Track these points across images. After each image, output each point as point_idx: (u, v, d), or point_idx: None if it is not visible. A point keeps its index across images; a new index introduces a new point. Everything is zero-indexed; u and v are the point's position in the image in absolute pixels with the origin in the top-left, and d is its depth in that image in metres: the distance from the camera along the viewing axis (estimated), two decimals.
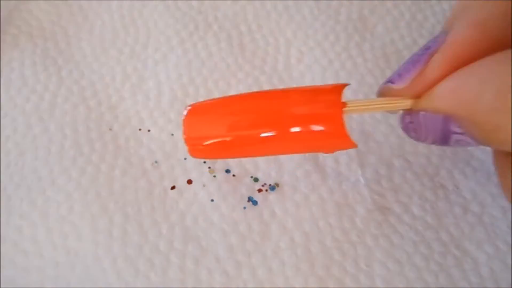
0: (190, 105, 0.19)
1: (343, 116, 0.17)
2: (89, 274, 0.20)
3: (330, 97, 0.17)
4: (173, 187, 0.23)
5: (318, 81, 0.26)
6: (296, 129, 0.17)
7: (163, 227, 0.22)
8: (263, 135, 0.17)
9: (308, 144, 0.18)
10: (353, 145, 0.17)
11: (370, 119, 0.25)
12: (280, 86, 0.26)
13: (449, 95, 0.16)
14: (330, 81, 0.26)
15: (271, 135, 0.17)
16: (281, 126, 0.17)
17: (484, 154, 0.24)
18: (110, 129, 0.25)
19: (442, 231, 0.21)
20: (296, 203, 0.22)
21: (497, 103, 0.14)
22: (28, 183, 0.23)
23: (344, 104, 0.17)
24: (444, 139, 0.17)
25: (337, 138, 0.17)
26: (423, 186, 0.23)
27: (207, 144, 0.18)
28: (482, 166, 0.23)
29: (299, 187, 0.23)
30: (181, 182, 0.23)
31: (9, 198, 0.22)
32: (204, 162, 0.23)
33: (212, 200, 0.22)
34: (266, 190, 0.23)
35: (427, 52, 0.17)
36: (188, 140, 0.18)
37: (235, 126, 0.17)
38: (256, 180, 0.23)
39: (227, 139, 0.18)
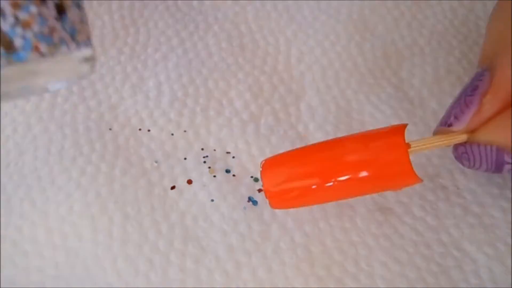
0: (264, 160, 0.20)
1: (409, 156, 0.18)
2: (89, 274, 0.20)
3: (394, 140, 0.19)
4: (173, 187, 0.23)
5: (318, 81, 0.26)
6: (365, 173, 0.19)
7: (163, 227, 0.22)
8: (340, 178, 0.19)
9: (378, 186, 0.20)
10: (419, 181, 0.19)
11: (371, 119, 0.25)
12: (280, 86, 0.26)
13: (502, 129, 0.18)
14: (331, 81, 0.26)
15: (344, 182, 0.19)
16: (353, 171, 0.19)
17: None
18: (110, 129, 0.25)
19: (442, 232, 0.21)
20: None
21: None
22: (28, 183, 0.23)
23: (408, 145, 0.19)
24: (497, 168, 0.19)
25: (404, 178, 0.19)
26: (423, 186, 0.23)
27: (287, 196, 0.20)
28: None
29: None
30: (181, 182, 0.23)
31: (9, 198, 0.22)
32: (204, 162, 0.23)
33: (212, 200, 0.22)
34: None
35: (477, 92, 0.19)
36: (268, 193, 0.20)
37: (310, 177, 0.19)
38: (256, 180, 0.23)
39: (304, 190, 0.19)
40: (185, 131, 0.25)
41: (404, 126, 0.19)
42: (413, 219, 0.22)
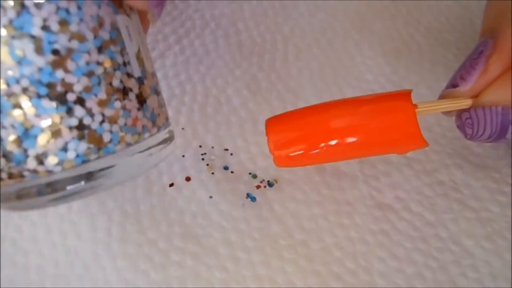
0: (268, 119, 0.20)
1: (416, 117, 0.18)
2: (89, 273, 0.20)
3: (402, 102, 0.19)
4: (171, 185, 0.23)
5: (316, 78, 0.26)
6: (372, 134, 0.18)
7: (162, 225, 0.22)
8: (346, 139, 0.19)
9: (385, 146, 0.19)
10: (425, 144, 0.19)
11: None
12: (278, 84, 0.26)
13: (507, 88, 0.19)
14: (329, 78, 0.26)
15: (351, 143, 0.19)
16: (359, 132, 0.19)
17: (482, 150, 0.24)
18: None
19: (440, 227, 0.21)
20: (295, 199, 0.22)
21: None
22: None
23: (415, 106, 0.19)
24: (502, 131, 0.19)
25: (411, 139, 0.19)
26: (421, 182, 0.23)
27: (293, 155, 0.19)
28: (480, 162, 0.23)
29: (297, 183, 0.23)
30: (179, 180, 0.23)
31: None
32: (202, 159, 0.23)
33: (210, 197, 0.22)
34: (265, 187, 0.23)
35: (483, 55, 0.19)
36: (274, 151, 0.19)
37: (316, 136, 0.19)
38: (254, 176, 0.23)
39: (310, 148, 0.19)
40: (183, 128, 0.25)
41: (410, 91, 0.19)
42: (411, 214, 0.22)
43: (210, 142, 0.24)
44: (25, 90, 0.14)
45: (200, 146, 0.24)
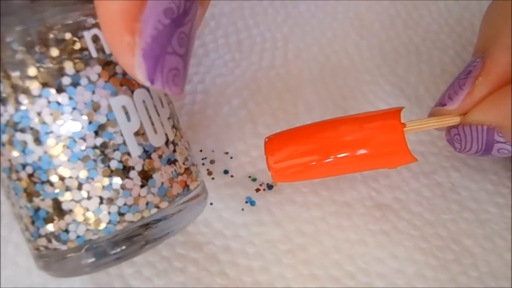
0: (268, 137, 0.21)
1: (405, 135, 0.19)
2: (93, 277, 0.20)
3: (391, 121, 0.20)
4: None
5: (316, 78, 0.26)
6: (363, 151, 0.20)
7: None
8: (338, 155, 0.20)
9: (375, 163, 0.21)
10: (414, 160, 0.20)
11: None
12: (278, 83, 0.26)
13: (492, 109, 0.19)
14: (328, 78, 0.26)
15: (343, 159, 0.20)
16: (352, 150, 0.20)
17: None
18: None
19: (440, 227, 0.22)
20: (294, 202, 0.22)
21: None
22: None
23: (404, 125, 0.20)
24: (487, 149, 0.20)
25: (400, 156, 0.20)
26: (419, 183, 0.23)
27: (289, 172, 0.21)
28: (477, 165, 0.24)
29: (297, 185, 0.23)
30: None
31: None
32: (203, 164, 0.23)
33: (211, 204, 0.22)
34: (264, 189, 0.23)
35: (470, 75, 0.20)
36: (272, 169, 0.20)
37: (311, 154, 0.20)
38: (254, 180, 0.23)
39: (305, 165, 0.20)
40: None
41: (400, 109, 0.20)
42: (411, 214, 0.22)
43: (210, 145, 0.24)
44: (30, 176, 0.16)
45: (201, 151, 0.24)
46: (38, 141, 0.15)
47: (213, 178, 0.23)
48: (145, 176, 0.16)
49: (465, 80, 0.20)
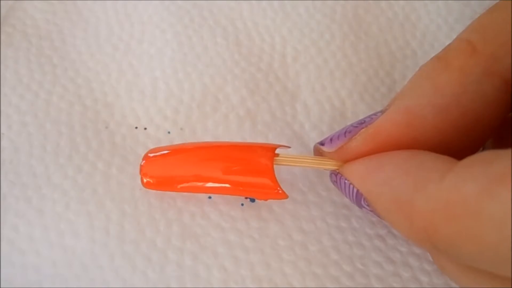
0: (147, 153, 0.21)
1: (274, 169, 0.19)
2: (86, 272, 0.20)
3: (263, 159, 0.20)
4: None
5: (313, 80, 0.26)
6: (234, 179, 0.20)
7: (161, 224, 0.22)
8: (206, 185, 0.20)
9: (246, 192, 0.21)
10: (285, 197, 0.20)
11: None
12: (276, 84, 0.26)
13: (359, 175, 0.17)
14: (326, 81, 0.26)
15: (214, 185, 0.20)
16: (222, 177, 0.20)
17: None
18: (106, 127, 0.24)
19: None
20: (294, 200, 0.22)
21: (392, 206, 0.16)
22: (24, 181, 0.23)
23: (276, 155, 0.20)
24: (357, 203, 0.18)
25: (270, 191, 0.20)
26: None
27: (160, 186, 0.21)
28: None
29: (296, 184, 0.23)
30: None
31: (4, 197, 0.22)
32: None
33: (209, 197, 0.22)
34: None
35: (361, 126, 0.18)
36: (144, 182, 0.21)
37: (183, 177, 0.21)
38: None
39: (176, 184, 0.21)
40: (181, 128, 0.25)
41: (275, 147, 0.20)
42: None
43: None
44: None
45: None
46: None
47: None
48: None
49: (353, 128, 0.18)
